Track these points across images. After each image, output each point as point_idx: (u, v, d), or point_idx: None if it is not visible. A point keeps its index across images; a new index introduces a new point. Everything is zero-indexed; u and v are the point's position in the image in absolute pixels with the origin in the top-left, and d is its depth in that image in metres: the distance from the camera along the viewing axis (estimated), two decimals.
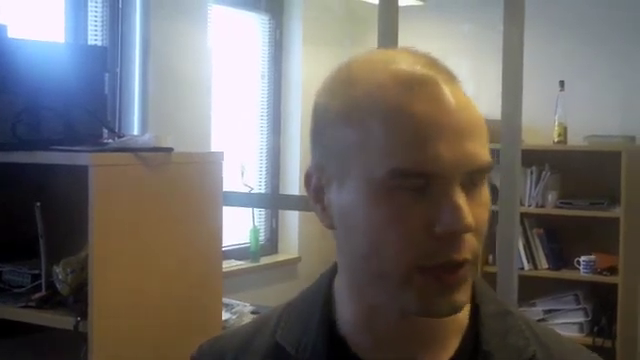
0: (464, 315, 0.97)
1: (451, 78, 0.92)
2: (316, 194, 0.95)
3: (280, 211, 4.93)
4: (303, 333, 0.98)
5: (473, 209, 0.88)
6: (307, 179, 0.96)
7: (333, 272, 1.01)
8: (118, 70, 3.76)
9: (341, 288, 0.99)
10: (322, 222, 0.95)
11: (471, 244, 0.88)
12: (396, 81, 0.89)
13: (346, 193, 0.90)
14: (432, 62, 0.93)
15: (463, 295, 0.89)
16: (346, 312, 0.98)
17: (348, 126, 0.90)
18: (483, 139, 0.91)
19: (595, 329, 4.58)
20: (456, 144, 0.87)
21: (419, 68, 0.90)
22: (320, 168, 0.94)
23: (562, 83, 4.66)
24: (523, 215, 4.49)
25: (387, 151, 0.86)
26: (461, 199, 0.86)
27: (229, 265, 4.24)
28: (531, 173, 4.70)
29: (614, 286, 4.48)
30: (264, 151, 4.90)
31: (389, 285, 0.89)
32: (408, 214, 0.87)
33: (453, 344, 0.96)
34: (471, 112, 0.90)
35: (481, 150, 0.89)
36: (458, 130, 0.87)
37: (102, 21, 3.69)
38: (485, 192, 0.92)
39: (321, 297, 1.00)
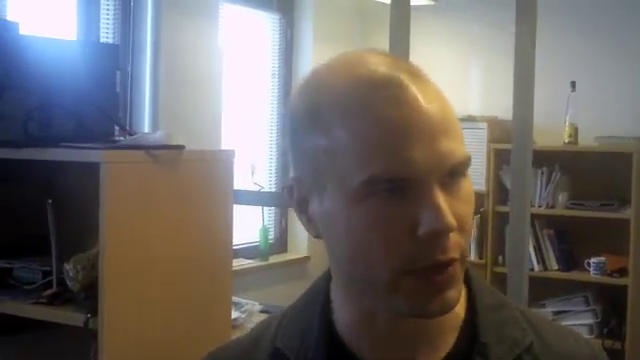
0: (461, 309, 0.97)
1: (418, 77, 0.89)
2: (299, 206, 0.94)
3: (289, 210, 4.93)
4: (303, 338, 0.98)
5: (454, 206, 0.86)
6: (289, 191, 0.95)
7: (329, 275, 1.01)
8: (129, 68, 3.77)
9: (336, 292, 0.99)
10: (309, 232, 0.95)
11: (456, 242, 0.87)
12: (358, 85, 0.88)
13: (326, 203, 0.90)
14: (397, 62, 0.90)
15: (453, 294, 0.89)
16: (343, 315, 0.97)
17: (315, 134, 0.89)
18: (456, 135, 0.88)
19: (605, 331, 4.57)
20: (428, 144, 0.85)
21: (382, 70, 0.88)
22: (299, 180, 0.94)
23: (573, 84, 4.64)
24: (533, 216, 4.46)
25: (358, 159, 0.85)
26: (440, 199, 0.85)
27: (238, 264, 4.25)
28: (541, 174, 4.70)
29: (624, 288, 4.47)
30: (274, 150, 4.90)
31: (378, 290, 0.89)
32: (389, 219, 0.85)
33: (451, 338, 0.96)
34: (441, 109, 0.87)
35: (455, 147, 0.87)
36: (428, 130, 0.85)
37: (114, 19, 3.71)
38: (466, 186, 0.89)
39: (319, 301, 1.00)
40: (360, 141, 0.85)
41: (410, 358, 0.95)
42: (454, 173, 0.87)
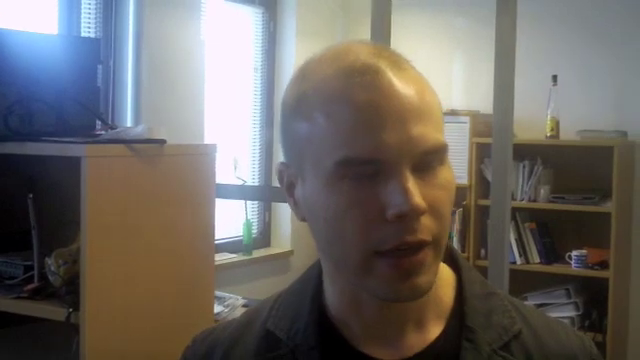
0: (449, 297, 0.99)
1: (398, 64, 0.91)
2: (288, 190, 0.98)
3: (273, 204, 4.93)
4: (294, 320, 1.00)
5: (427, 191, 0.88)
6: (280, 176, 0.99)
7: None
8: (111, 62, 3.75)
9: (325, 276, 1.01)
10: (296, 216, 0.98)
11: (428, 226, 0.89)
12: (338, 73, 0.90)
13: (307, 187, 0.93)
14: (379, 51, 0.93)
15: (423, 279, 0.90)
16: (332, 299, 1.00)
17: (299, 120, 0.92)
18: (432, 121, 0.90)
19: (586, 323, 4.60)
20: (400, 129, 0.87)
21: (363, 58, 0.91)
22: (287, 166, 0.97)
23: (555, 77, 4.66)
24: (515, 209, 4.50)
25: (332, 142, 0.88)
26: (409, 182, 0.87)
27: (221, 258, 4.24)
28: (523, 167, 4.71)
29: (605, 280, 4.49)
30: (257, 144, 4.90)
31: (352, 272, 0.91)
32: (361, 201, 0.88)
33: (439, 325, 0.98)
34: (417, 95, 0.89)
35: (429, 132, 0.89)
36: (401, 114, 0.87)
37: (95, 13, 3.69)
38: (443, 173, 0.91)
39: (311, 285, 1.02)
40: (335, 125, 0.88)
41: (398, 342, 0.97)
42: (429, 159, 0.89)
